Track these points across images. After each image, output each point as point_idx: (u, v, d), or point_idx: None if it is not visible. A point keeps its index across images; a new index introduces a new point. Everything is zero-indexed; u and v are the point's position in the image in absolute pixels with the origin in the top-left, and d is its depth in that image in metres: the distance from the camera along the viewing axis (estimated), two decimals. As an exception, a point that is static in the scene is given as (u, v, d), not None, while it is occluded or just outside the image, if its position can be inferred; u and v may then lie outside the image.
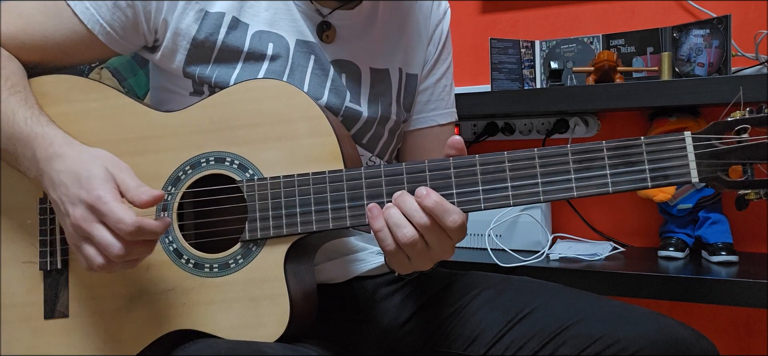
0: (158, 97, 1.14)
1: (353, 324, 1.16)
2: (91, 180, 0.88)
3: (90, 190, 0.87)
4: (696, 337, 0.96)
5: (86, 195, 0.87)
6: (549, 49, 1.77)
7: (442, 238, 0.90)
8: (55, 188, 0.91)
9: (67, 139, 0.95)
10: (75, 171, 0.90)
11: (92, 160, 0.91)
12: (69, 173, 0.90)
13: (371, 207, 0.91)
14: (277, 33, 1.08)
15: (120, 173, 0.91)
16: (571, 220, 1.84)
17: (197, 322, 0.96)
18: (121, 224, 0.85)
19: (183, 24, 1.04)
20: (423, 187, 0.89)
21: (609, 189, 0.90)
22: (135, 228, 0.85)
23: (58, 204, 0.91)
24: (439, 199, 0.88)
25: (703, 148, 0.89)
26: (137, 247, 0.88)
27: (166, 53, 1.06)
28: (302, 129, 0.96)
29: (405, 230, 0.88)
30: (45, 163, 0.93)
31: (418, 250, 0.90)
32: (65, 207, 0.89)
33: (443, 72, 1.25)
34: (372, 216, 0.90)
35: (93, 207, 0.87)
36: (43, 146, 0.94)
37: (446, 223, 0.88)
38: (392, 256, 0.92)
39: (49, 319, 1.01)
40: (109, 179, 0.89)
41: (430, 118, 1.24)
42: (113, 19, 1.04)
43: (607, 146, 0.90)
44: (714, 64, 1.52)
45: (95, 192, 0.87)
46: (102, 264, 0.88)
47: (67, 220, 0.90)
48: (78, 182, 0.89)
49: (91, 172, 0.89)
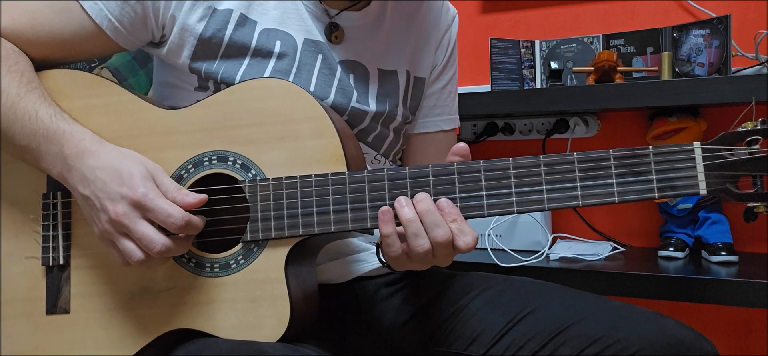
0: (162, 93, 1.14)
1: (354, 324, 1.16)
2: (133, 178, 0.90)
3: (133, 187, 0.89)
4: (696, 337, 0.96)
5: (129, 192, 0.89)
6: (549, 49, 1.77)
7: (449, 253, 0.91)
8: (90, 184, 0.92)
9: (96, 137, 0.96)
10: (114, 168, 0.91)
11: (129, 158, 0.93)
12: (106, 169, 0.91)
13: (384, 210, 0.91)
14: (285, 31, 1.08)
15: (158, 174, 0.93)
16: (571, 220, 1.84)
17: (197, 322, 0.96)
18: (171, 219, 0.88)
19: (190, 20, 1.04)
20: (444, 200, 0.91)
21: (615, 199, 0.89)
22: (184, 222, 0.89)
23: (91, 199, 0.92)
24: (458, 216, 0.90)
25: (713, 160, 0.88)
26: (179, 243, 0.91)
27: (173, 48, 1.06)
28: (306, 130, 0.96)
29: (421, 241, 0.89)
30: (75, 160, 0.93)
31: (424, 259, 0.91)
32: (102, 202, 0.90)
33: (450, 78, 1.26)
34: (383, 220, 0.91)
35: (138, 203, 0.89)
36: (73, 142, 0.94)
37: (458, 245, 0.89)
38: (393, 259, 0.93)
39: (51, 315, 1.01)
40: (150, 178, 0.91)
41: (434, 123, 1.24)
42: (122, 14, 1.04)
43: (614, 155, 0.89)
44: (714, 64, 1.52)
45: (139, 189, 0.89)
46: (140, 259, 0.90)
47: (103, 216, 0.90)
48: (118, 178, 0.90)
49: (132, 169, 0.91)
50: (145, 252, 0.90)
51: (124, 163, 0.92)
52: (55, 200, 1.02)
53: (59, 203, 1.02)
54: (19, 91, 0.97)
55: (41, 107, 0.97)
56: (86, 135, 0.96)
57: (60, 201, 1.02)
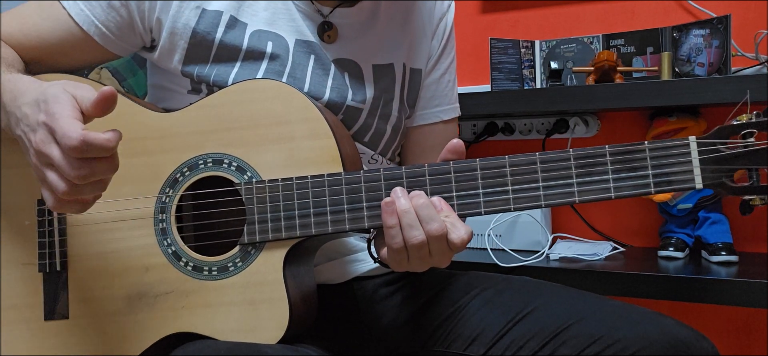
0: (156, 95, 1.14)
1: (353, 324, 1.15)
2: (48, 102, 0.81)
3: (47, 111, 0.81)
4: (696, 337, 0.95)
5: (43, 117, 0.81)
6: (549, 49, 1.77)
7: (444, 249, 0.90)
8: (19, 123, 0.86)
9: (33, 79, 0.91)
10: (35, 98, 0.84)
11: (51, 85, 0.85)
12: (30, 103, 0.84)
13: (387, 201, 0.91)
14: (276, 32, 1.07)
15: (78, 90, 0.83)
16: (571, 220, 1.84)
17: (196, 325, 0.96)
18: (65, 139, 0.78)
19: (179, 23, 1.04)
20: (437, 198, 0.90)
21: (611, 195, 0.89)
22: (79, 141, 0.77)
23: (22, 139, 0.86)
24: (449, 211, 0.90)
25: (708, 153, 0.88)
26: (95, 166, 0.80)
27: (164, 52, 1.06)
28: (301, 131, 0.96)
29: (415, 232, 0.89)
30: (10, 104, 0.89)
31: (421, 255, 0.90)
32: (28, 136, 0.84)
33: (447, 67, 1.24)
34: (387, 211, 0.90)
35: (47, 125, 0.80)
36: (9, 89, 0.90)
37: (452, 239, 0.89)
38: (394, 253, 0.92)
39: (49, 321, 1.01)
40: (66, 97, 0.82)
41: (433, 114, 1.23)
42: (108, 19, 1.04)
43: (609, 150, 0.90)
44: (714, 64, 1.52)
45: (50, 109, 0.80)
46: (65, 189, 0.81)
47: (31, 152, 0.84)
48: (37, 107, 0.83)
49: (49, 93, 0.82)
50: (67, 181, 0.81)
51: (46, 90, 0.84)
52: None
53: (55, 208, 1.01)
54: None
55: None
56: (23, 79, 0.91)
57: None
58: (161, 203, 0.98)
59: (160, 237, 0.98)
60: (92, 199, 0.86)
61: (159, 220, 0.98)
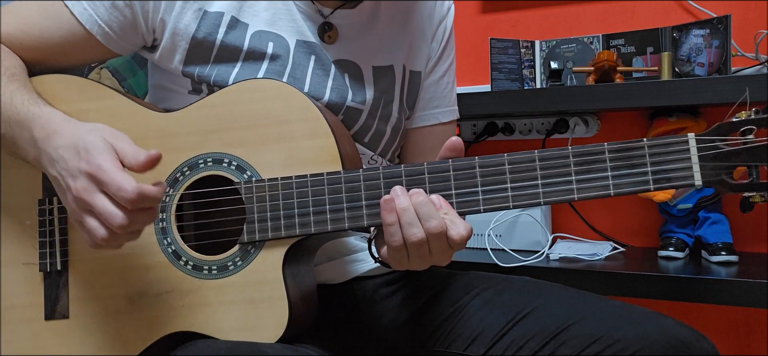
0: (156, 96, 1.14)
1: (353, 324, 1.16)
2: (89, 151, 0.86)
3: (90, 161, 0.85)
4: (696, 337, 0.95)
5: (86, 166, 0.85)
6: (549, 49, 1.77)
7: (444, 247, 0.90)
8: (55, 164, 0.89)
9: (65, 117, 0.94)
10: (73, 143, 0.88)
11: (90, 132, 0.89)
12: (68, 147, 0.88)
13: (386, 198, 0.90)
14: (277, 33, 1.07)
15: (118, 142, 0.88)
16: (571, 220, 1.84)
17: (196, 324, 0.96)
18: (121, 191, 0.82)
19: (181, 23, 1.04)
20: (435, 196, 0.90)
21: (610, 192, 0.89)
22: (136, 194, 0.82)
23: (57, 179, 0.89)
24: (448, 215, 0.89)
25: (707, 150, 0.88)
26: (139, 216, 0.86)
27: (165, 53, 1.06)
28: (301, 130, 0.96)
29: (414, 230, 0.88)
30: (43, 142, 0.91)
31: (421, 253, 0.90)
32: (66, 181, 0.87)
33: (446, 69, 1.24)
34: (386, 208, 0.90)
35: (93, 176, 0.84)
36: (40, 125, 0.92)
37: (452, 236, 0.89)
38: (394, 252, 0.92)
39: (50, 320, 1.01)
40: (108, 148, 0.86)
41: (432, 115, 1.24)
42: (111, 19, 1.04)
43: (609, 148, 0.90)
44: (714, 64, 1.52)
45: (95, 161, 0.85)
46: (105, 236, 0.85)
47: (68, 195, 0.88)
48: (77, 154, 0.87)
49: (89, 142, 0.86)
50: (109, 229, 0.85)
51: (83, 136, 0.88)
52: (51, 205, 1.02)
53: (55, 208, 1.02)
54: (2, 81, 0.97)
55: (16, 94, 0.96)
56: (55, 116, 0.93)
57: (56, 207, 1.02)
58: (161, 202, 0.98)
59: (160, 236, 0.98)
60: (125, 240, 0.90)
61: (159, 219, 0.98)
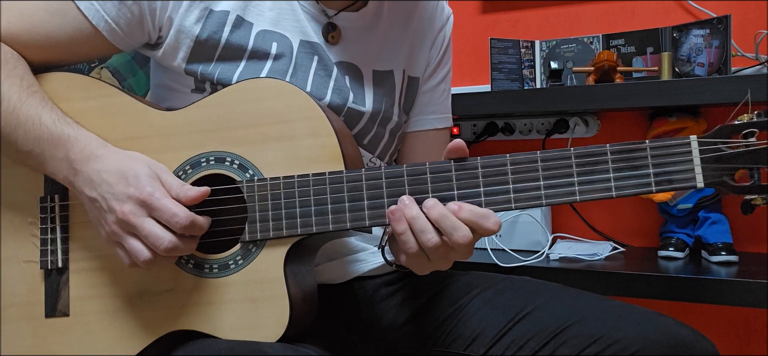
0: (159, 95, 1.14)
1: (353, 324, 1.16)
2: (139, 178, 0.91)
3: (139, 188, 0.90)
4: (696, 337, 0.96)
5: (135, 192, 0.90)
6: (549, 49, 1.77)
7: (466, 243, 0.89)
8: (96, 187, 0.93)
9: (101, 141, 0.97)
10: (120, 169, 0.92)
11: (135, 160, 0.94)
12: (112, 172, 0.92)
13: (393, 209, 0.90)
14: (281, 33, 1.08)
15: (162, 173, 0.94)
16: (571, 220, 1.84)
17: (197, 323, 0.96)
18: (176, 218, 0.89)
19: (187, 22, 1.04)
20: (454, 202, 0.90)
21: (612, 194, 0.89)
22: (189, 221, 0.90)
23: (98, 201, 0.93)
24: (473, 208, 0.89)
25: (709, 153, 0.88)
26: (184, 242, 0.91)
27: (168, 50, 1.06)
28: (303, 129, 0.96)
29: (430, 235, 0.88)
30: (81, 164, 0.94)
31: (441, 254, 0.90)
32: (110, 204, 0.91)
33: (443, 76, 1.26)
34: (394, 219, 0.90)
35: (144, 202, 0.90)
36: (79, 147, 0.95)
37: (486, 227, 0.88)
38: (412, 258, 0.92)
39: (50, 318, 1.01)
40: (155, 177, 0.93)
41: (428, 121, 1.24)
42: (119, 16, 1.04)
43: (611, 149, 0.89)
44: (714, 64, 1.52)
45: (146, 189, 0.90)
46: (148, 258, 0.90)
47: (110, 217, 0.92)
48: (125, 180, 0.91)
49: (137, 170, 0.92)
50: (152, 251, 0.90)
51: (129, 165, 0.93)
52: (52, 203, 1.02)
53: (57, 206, 1.02)
54: (21, 96, 0.97)
55: (43, 112, 0.97)
56: (91, 139, 0.97)
57: (58, 205, 1.02)
58: None
59: (161, 234, 0.98)
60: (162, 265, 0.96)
61: (160, 219, 0.98)
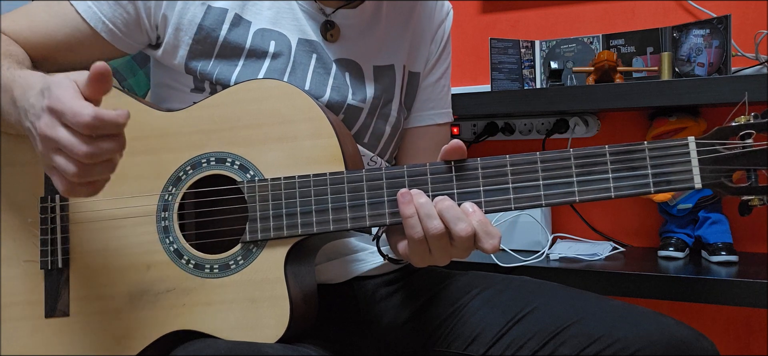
0: (159, 94, 1.14)
1: (353, 324, 1.16)
2: (51, 88, 0.81)
3: (50, 96, 0.80)
4: (696, 337, 0.96)
5: (47, 102, 0.80)
6: (549, 49, 1.77)
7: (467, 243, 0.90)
8: (27, 114, 0.85)
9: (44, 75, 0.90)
10: (40, 88, 0.83)
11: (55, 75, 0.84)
12: (36, 94, 0.84)
13: (403, 192, 0.91)
14: (279, 31, 1.08)
15: (79, 76, 0.82)
16: (571, 220, 1.84)
17: (197, 323, 0.96)
18: (76, 117, 0.77)
19: (185, 19, 1.05)
20: (469, 204, 0.90)
21: (611, 195, 0.90)
22: (91, 118, 0.77)
23: (30, 129, 0.85)
24: (484, 219, 0.89)
25: (707, 154, 0.88)
26: (105, 143, 0.79)
27: (168, 49, 1.06)
28: (304, 130, 0.96)
29: (435, 222, 0.89)
30: (21, 99, 0.88)
31: (442, 245, 0.90)
32: (34, 124, 0.83)
33: (443, 72, 1.26)
34: (403, 201, 0.90)
35: (53, 109, 0.80)
36: (20, 84, 0.90)
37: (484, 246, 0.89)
38: (415, 245, 0.92)
39: (50, 318, 1.01)
40: (70, 83, 0.81)
41: (428, 116, 1.25)
42: (115, 16, 1.04)
43: (609, 151, 0.90)
44: (714, 64, 1.52)
45: (54, 94, 0.80)
46: (74, 171, 0.80)
47: (38, 142, 0.83)
48: (41, 95, 0.82)
49: (51, 80, 0.82)
50: (78, 163, 0.80)
51: (47, 79, 0.84)
52: (52, 203, 1.02)
53: (57, 206, 1.02)
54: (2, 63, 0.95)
55: (5, 63, 0.94)
56: (35, 75, 0.91)
57: (58, 205, 1.02)
58: (164, 201, 0.98)
59: (162, 235, 0.98)
60: (103, 181, 0.84)
61: (161, 218, 0.98)
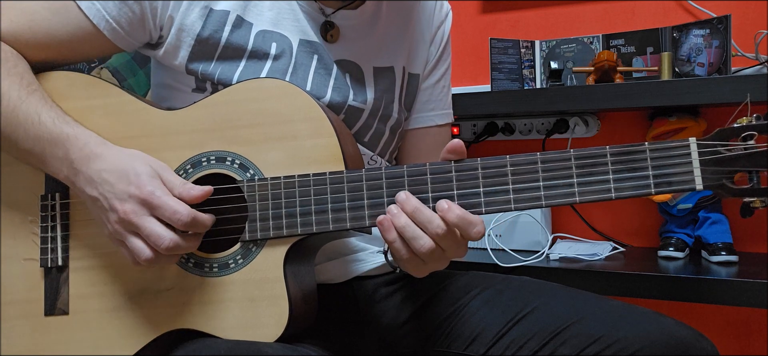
0: (159, 94, 1.14)
1: (353, 324, 1.16)
2: (140, 177, 0.91)
3: (141, 186, 0.90)
4: (696, 337, 0.96)
5: (136, 191, 0.90)
6: (549, 49, 1.77)
7: (458, 242, 0.90)
8: (97, 186, 0.93)
9: (101, 139, 0.97)
10: (121, 168, 0.92)
11: (135, 158, 0.94)
12: (113, 171, 0.92)
13: (381, 219, 0.90)
14: (281, 32, 1.08)
15: (163, 171, 0.94)
16: (571, 220, 1.84)
17: (196, 322, 0.96)
18: (177, 215, 0.89)
19: (188, 20, 1.04)
20: (443, 201, 0.89)
21: (612, 195, 0.89)
22: (191, 218, 0.89)
23: (100, 200, 0.93)
24: (461, 213, 0.88)
25: (708, 155, 0.88)
26: (186, 240, 0.91)
27: (170, 49, 1.06)
28: (304, 130, 0.96)
29: (422, 242, 0.88)
30: (81, 163, 0.94)
31: (436, 256, 0.90)
32: (111, 203, 0.91)
33: (443, 73, 1.26)
34: (384, 228, 0.90)
35: (146, 201, 0.89)
36: (78, 146, 0.95)
37: (470, 235, 0.89)
38: (407, 263, 0.92)
39: (50, 316, 1.01)
40: (156, 176, 0.92)
41: (428, 117, 1.25)
42: (120, 15, 1.04)
43: (610, 151, 0.90)
44: (714, 64, 1.52)
45: (147, 187, 0.90)
46: (150, 257, 0.90)
47: (112, 216, 0.91)
48: (126, 179, 0.91)
49: (138, 169, 0.91)
50: (154, 250, 0.90)
51: (130, 163, 0.93)
52: (53, 201, 1.02)
53: (58, 204, 1.02)
54: (21, 95, 0.97)
55: (43, 110, 0.97)
56: (91, 138, 0.96)
57: (58, 203, 1.02)
58: None
59: (161, 234, 0.98)
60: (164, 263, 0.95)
61: (161, 218, 0.98)
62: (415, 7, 1.20)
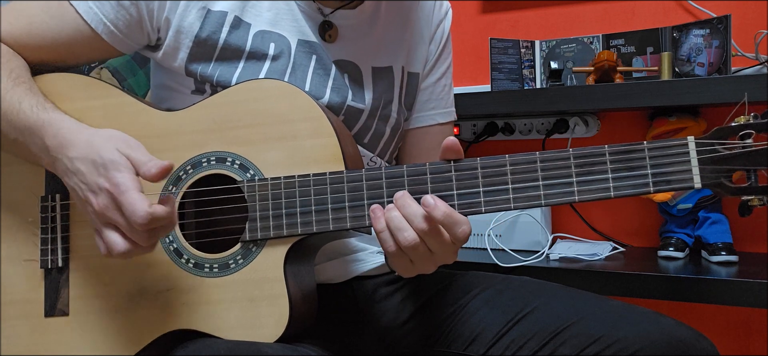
0: (159, 96, 1.14)
1: (353, 324, 1.16)
2: (108, 168, 0.88)
3: (109, 178, 0.87)
4: (696, 337, 0.96)
5: (106, 184, 0.87)
6: (549, 49, 1.77)
7: (446, 244, 0.89)
8: (71, 176, 0.91)
9: (74, 123, 0.95)
10: (90, 157, 0.90)
11: (104, 144, 0.90)
12: (84, 160, 0.90)
13: (374, 208, 0.91)
14: (279, 33, 1.08)
15: (132, 151, 0.90)
16: (571, 220, 1.84)
17: (196, 322, 0.96)
18: (134, 216, 0.84)
19: (185, 22, 1.04)
20: (430, 197, 0.88)
21: (611, 194, 0.89)
22: (147, 220, 0.84)
23: (76, 191, 0.91)
24: (447, 211, 0.87)
25: (707, 154, 0.88)
26: (158, 232, 0.88)
27: (169, 51, 1.06)
28: (304, 130, 0.96)
29: (406, 234, 0.88)
30: (57, 150, 0.93)
31: (421, 254, 0.90)
32: (85, 194, 0.90)
33: (443, 71, 1.26)
34: (375, 217, 0.90)
35: (112, 196, 0.86)
36: (52, 133, 0.94)
37: (456, 234, 0.88)
38: (394, 258, 0.92)
39: (50, 317, 1.01)
40: (125, 163, 0.88)
41: (429, 116, 1.25)
42: (117, 18, 1.04)
43: (609, 150, 0.90)
44: (714, 64, 1.52)
45: (114, 179, 0.87)
46: (124, 250, 0.87)
47: (89, 207, 0.90)
48: (95, 169, 0.89)
49: (106, 157, 0.88)
50: (130, 242, 0.87)
51: (99, 152, 0.89)
52: (53, 202, 1.02)
53: (58, 205, 1.02)
54: (6, 86, 0.97)
55: (25, 99, 0.96)
56: (64, 123, 0.95)
57: (58, 204, 1.02)
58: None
59: (161, 234, 0.98)
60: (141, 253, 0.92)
61: (161, 218, 0.98)
62: (414, 7, 1.20)
